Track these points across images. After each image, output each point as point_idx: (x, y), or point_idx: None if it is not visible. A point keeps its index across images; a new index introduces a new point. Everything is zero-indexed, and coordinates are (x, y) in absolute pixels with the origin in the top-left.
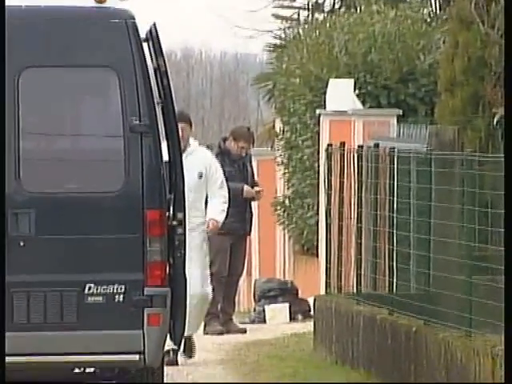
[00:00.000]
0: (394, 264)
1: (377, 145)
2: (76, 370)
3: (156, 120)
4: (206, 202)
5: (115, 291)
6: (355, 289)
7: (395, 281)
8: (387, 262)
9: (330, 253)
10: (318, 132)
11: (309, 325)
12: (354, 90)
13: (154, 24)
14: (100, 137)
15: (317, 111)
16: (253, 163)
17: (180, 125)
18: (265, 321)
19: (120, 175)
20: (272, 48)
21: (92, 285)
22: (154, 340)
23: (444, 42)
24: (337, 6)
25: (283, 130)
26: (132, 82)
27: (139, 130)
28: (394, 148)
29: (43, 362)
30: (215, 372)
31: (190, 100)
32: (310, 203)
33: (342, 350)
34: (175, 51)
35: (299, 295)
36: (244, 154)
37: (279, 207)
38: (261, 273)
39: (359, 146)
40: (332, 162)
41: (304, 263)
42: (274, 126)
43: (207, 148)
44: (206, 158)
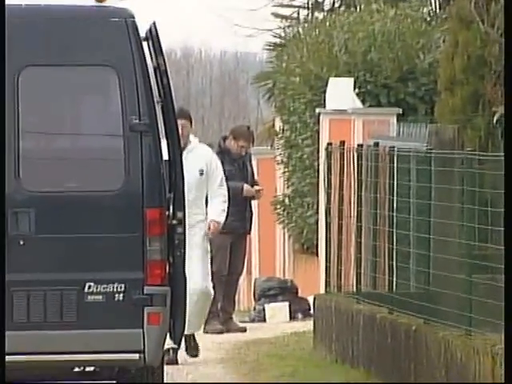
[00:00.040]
0: (394, 263)
1: (377, 144)
2: (76, 369)
3: (156, 119)
4: (207, 199)
5: (115, 290)
6: (355, 288)
7: (395, 280)
8: (387, 261)
9: (330, 252)
10: (318, 131)
11: (309, 324)
12: (354, 89)
13: (154, 23)
14: (100, 136)
15: (316, 110)
16: (253, 162)
17: (180, 122)
18: (265, 320)
19: (120, 174)
20: (272, 47)
21: (92, 284)
22: (154, 339)
23: (444, 41)
24: (336, 5)
25: (283, 129)
26: (132, 81)
27: (139, 129)
28: (394, 147)
29: (43, 361)
30: (215, 371)
31: (190, 99)
32: (310, 202)
33: (342, 349)
34: (175, 50)
35: (299, 294)
36: (244, 153)
37: (279, 206)
38: (261, 271)
39: (359, 145)
40: (332, 161)
41: (304, 262)
42: (274, 125)
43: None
44: (207, 155)
